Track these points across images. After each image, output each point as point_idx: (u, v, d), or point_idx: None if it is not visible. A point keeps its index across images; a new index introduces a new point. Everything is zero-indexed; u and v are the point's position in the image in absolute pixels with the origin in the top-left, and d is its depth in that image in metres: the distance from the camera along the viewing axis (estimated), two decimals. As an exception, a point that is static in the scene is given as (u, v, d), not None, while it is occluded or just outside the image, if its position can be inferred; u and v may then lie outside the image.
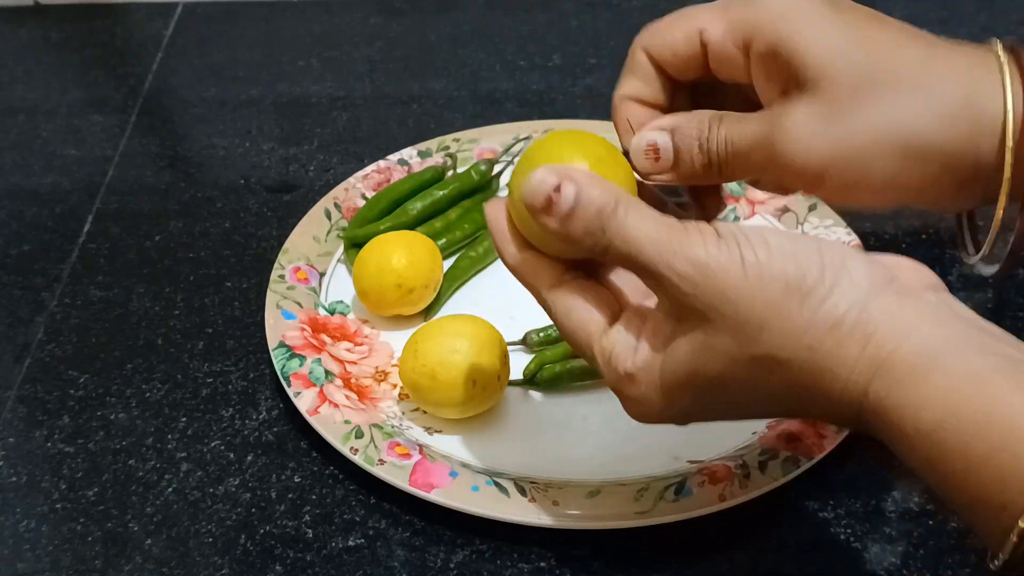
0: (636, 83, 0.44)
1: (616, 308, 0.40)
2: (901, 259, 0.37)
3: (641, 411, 0.39)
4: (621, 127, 0.43)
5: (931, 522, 0.50)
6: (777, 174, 0.41)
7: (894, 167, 0.40)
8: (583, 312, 0.39)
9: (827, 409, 0.36)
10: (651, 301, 0.40)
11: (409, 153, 0.70)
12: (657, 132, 0.41)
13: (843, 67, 0.39)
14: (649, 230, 0.36)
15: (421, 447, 0.52)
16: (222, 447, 0.54)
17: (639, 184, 0.42)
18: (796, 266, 0.34)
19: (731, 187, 0.67)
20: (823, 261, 0.35)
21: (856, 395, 0.34)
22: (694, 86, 0.45)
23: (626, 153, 0.42)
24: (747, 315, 0.34)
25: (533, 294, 0.41)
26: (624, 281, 0.41)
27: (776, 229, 0.35)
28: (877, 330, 0.34)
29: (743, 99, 0.43)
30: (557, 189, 0.37)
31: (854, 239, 0.62)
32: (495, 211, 0.41)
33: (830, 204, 0.63)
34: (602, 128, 0.62)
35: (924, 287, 0.36)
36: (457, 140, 0.71)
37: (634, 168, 0.42)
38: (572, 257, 0.40)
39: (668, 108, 0.44)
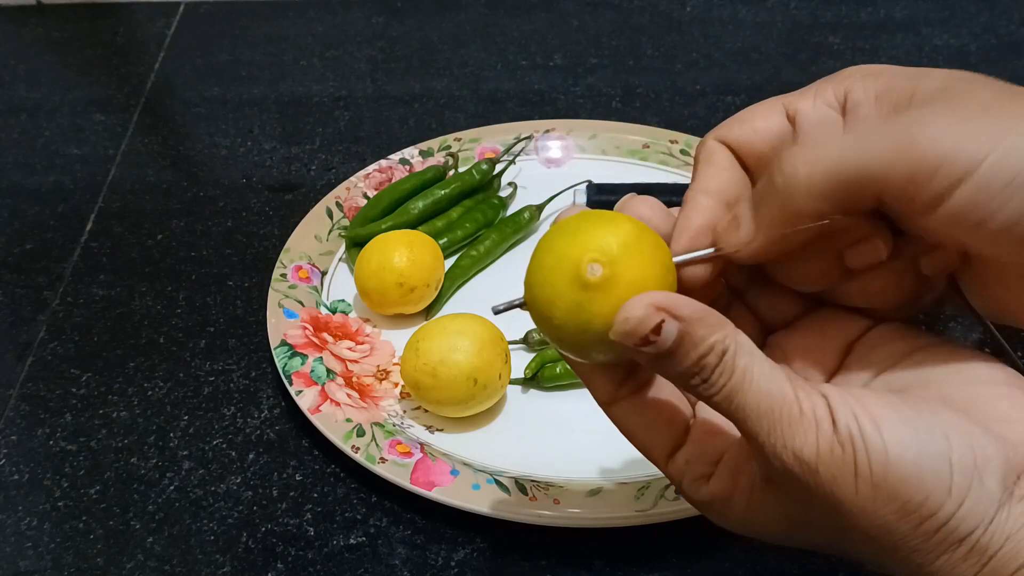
0: (714, 173, 0.36)
1: (680, 426, 0.35)
2: None
3: (727, 526, 0.36)
4: (685, 228, 0.36)
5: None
6: None
7: None
8: (644, 438, 0.36)
9: None
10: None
11: (411, 152, 0.70)
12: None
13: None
14: (759, 400, 0.31)
15: (422, 445, 0.52)
16: (224, 445, 0.54)
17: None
18: (918, 482, 0.30)
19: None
20: (951, 466, 0.30)
21: None
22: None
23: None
24: (852, 530, 0.31)
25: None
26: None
27: (900, 413, 0.31)
28: (1000, 549, 0.30)
29: None
30: (657, 329, 0.31)
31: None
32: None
33: None
34: (608, 129, 0.61)
35: None
36: (459, 139, 0.71)
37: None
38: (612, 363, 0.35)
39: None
